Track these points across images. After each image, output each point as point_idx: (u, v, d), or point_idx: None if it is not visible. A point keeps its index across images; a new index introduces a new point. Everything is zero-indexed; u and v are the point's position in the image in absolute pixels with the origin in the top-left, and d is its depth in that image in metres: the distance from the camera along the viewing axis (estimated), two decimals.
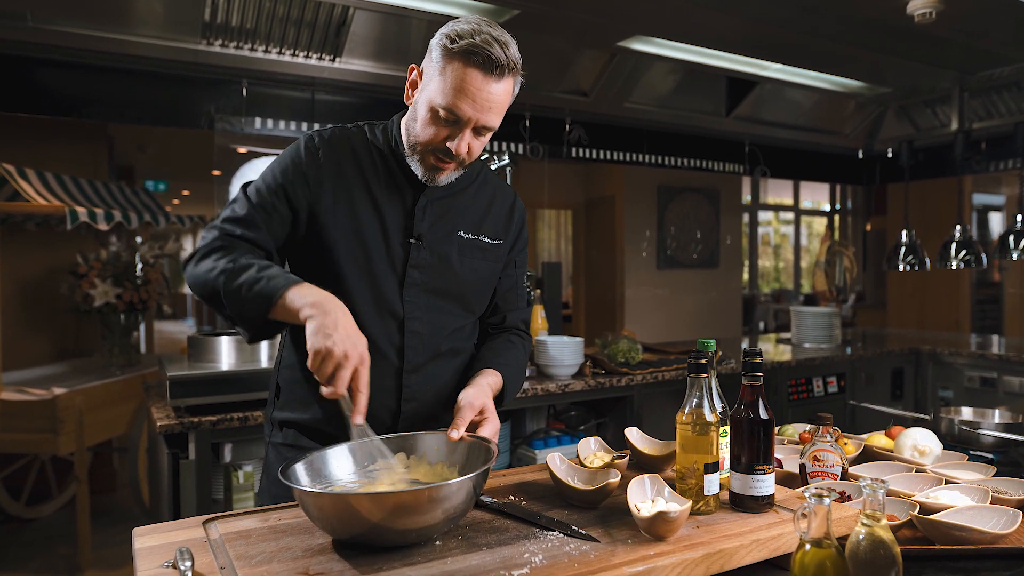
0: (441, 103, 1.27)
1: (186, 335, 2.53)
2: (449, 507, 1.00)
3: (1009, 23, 3.28)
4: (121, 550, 3.54)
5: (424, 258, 1.39)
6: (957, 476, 1.49)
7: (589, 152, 4.09)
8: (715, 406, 1.20)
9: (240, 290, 1.23)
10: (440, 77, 1.26)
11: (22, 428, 3.37)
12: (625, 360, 2.98)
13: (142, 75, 3.01)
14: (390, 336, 1.38)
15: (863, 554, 0.95)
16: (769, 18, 3.18)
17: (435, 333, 1.42)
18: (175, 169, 7.84)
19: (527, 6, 2.96)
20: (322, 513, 1.00)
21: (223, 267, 1.26)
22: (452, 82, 1.25)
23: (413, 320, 1.39)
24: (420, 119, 1.31)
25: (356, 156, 1.40)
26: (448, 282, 1.42)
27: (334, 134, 1.41)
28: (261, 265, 1.25)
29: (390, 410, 1.40)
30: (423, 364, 1.41)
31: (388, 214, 1.38)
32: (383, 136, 1.43)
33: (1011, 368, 3.65)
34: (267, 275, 1.23)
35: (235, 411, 2.22)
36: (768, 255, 9.87)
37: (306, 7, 2.95)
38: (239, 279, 1.23)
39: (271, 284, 1.21)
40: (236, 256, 1.27)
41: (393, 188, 1.40)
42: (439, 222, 1.42)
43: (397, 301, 1.38)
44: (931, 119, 4.66)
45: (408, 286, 1.39)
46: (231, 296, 1.24)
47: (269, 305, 1.21)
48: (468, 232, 1.45)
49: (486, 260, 1.47)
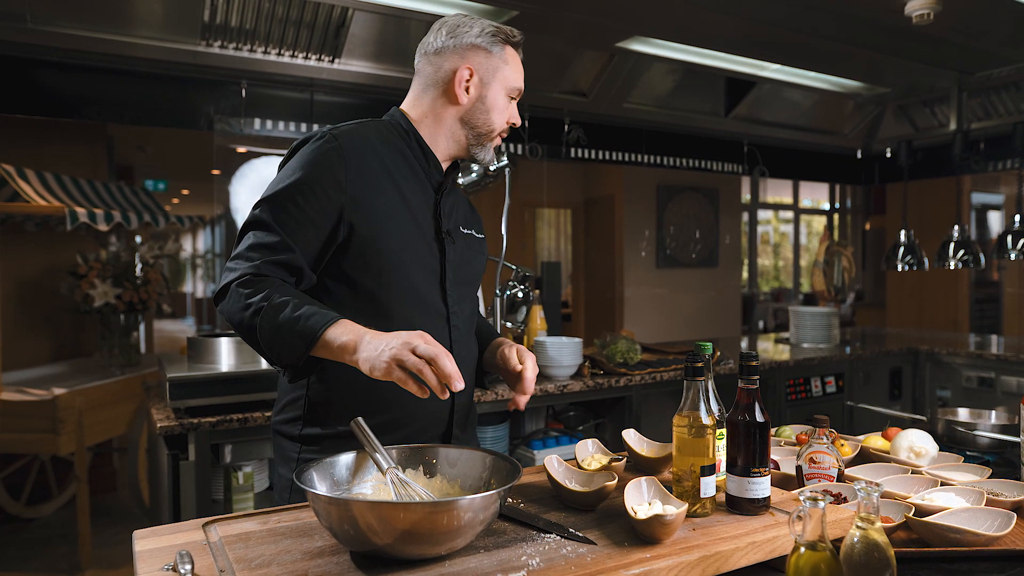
0: (517, 85, 1.46)
1: (186, 335, 2.53)
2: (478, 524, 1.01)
3: (1007, 23, 3.28)
4: (121, 550, 3.55)
5: (454, 252, 1.45)
6: (953, 478, 1.50)
7: (588, 152, 4.10)
8: (711, 409, 1.21)
9: (278, 332, 1.18)
10: (507, 65, 1.44)
11: (22, 428, 3.37)
12: (624, 360, 2.99)
13: (142, 76, 3.01)
14: (439, 332, 1.39)
15: (857, 556, 0.96)
16: (768, 18, 3.19)
17: (468, 324, 1.50)
18: (175, 169, 7.83)
19: (526, 7, 2.97)
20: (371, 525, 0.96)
21: (256, 306, 1.20)
22: (516, 66, 1.46)
23: (454, 315, 1.44)
24: (496, 107, 1.44)
25: (378, 153, 1.38)
26: (468, 273, 1.50)
27: (353, 131, 1.37)
28: (296, 303, 1.19)
29: (446, 407, 1.43)
30: (464, 355, 1.46)
31: (419, 210, 1.40)
32: (399, 133, 1.43)
33: (1009, 368, 3.65)
34: (304, 314, 1.18)
35: (235, 412, 2.22)
36: (767, 254, 9.87)
37: (305, 8, 2.96)
38: (275, 320, 1.18)
39: (310, 323, 1.17)
40: (269, 292, 1.21)
41: (418, 185, 1.42)
42: (451, 218, 1.48)
43: (439, 297, 1.42)
44: (930, 119, 4.67)
45: (447, 281, 1.43)
46: (267, 338, 1.20)
47: (308, 345, 1.17)
48: (465, 227, 1.52)
49: (480, 252, 1.57)
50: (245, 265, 1.26)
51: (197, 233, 10.21)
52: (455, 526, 0.96)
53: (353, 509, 0.96)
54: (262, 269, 1.25)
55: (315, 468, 1.12)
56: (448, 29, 1.43)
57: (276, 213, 1.28)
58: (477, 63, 1.42)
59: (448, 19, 1.45)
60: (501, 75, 1.43)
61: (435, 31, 1.45)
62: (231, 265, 1.27)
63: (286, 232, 1.27)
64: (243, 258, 1.27)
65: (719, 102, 4.41)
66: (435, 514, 0.95)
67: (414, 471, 1.20)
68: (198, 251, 10.59)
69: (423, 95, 1.45)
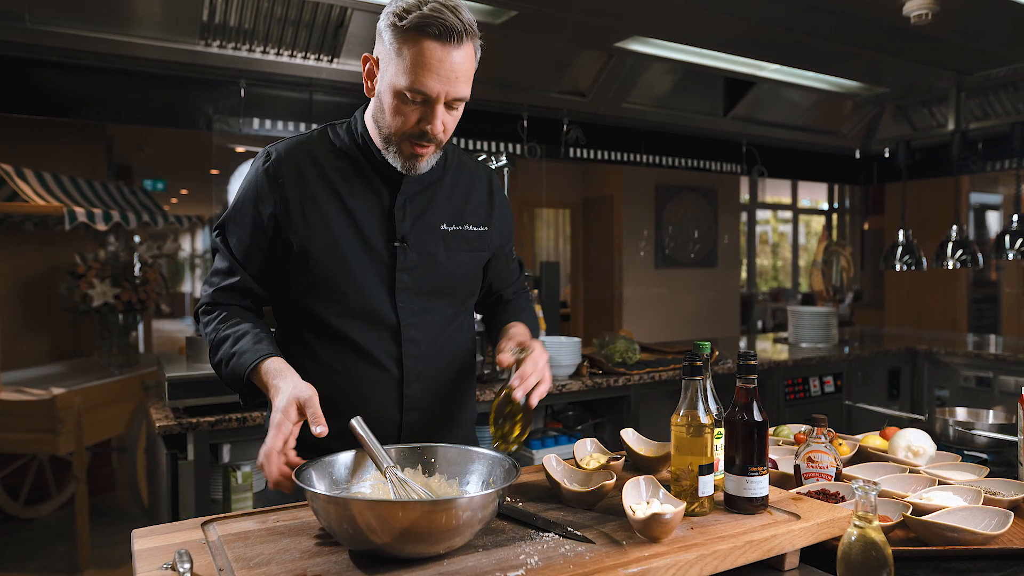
0: (405, 84, 1.20)
1: (184, 334, 2.53)
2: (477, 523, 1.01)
3: (1006, 24, 3.29)
4: (120, 550, 3.55)
5: (411, 260, 1.34)
6: (950, 477, 1.50)
7: (587, 152, 4.10)
8: (710, 408, 1.21)
9: (220, 366, 1.30)
10: (398, 58, 1.20)
11: (21, 428, 3.37)
12: (622, 360, 2.99)
13: (140, 76, 3.01)
14: (386, 347, 1.34)
15: (855, 555, 0.96)
16: (766, 18, 3.19)
17: (433, 338, 1.38)
18: (173, 168, 7.84)
19: (525, 7, 2.97)
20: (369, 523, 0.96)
21: (208, 339, 1.33)
22: (411, 60, 1.18)
23: (408, 328, 1.35)
24: (388, 107, 1.24)
25: (318, 164, 1.34)
26: (438, 281, 1.37)
27: (290, 146, 1.35)
28: (236, 336, 1.29)
29: (393, 421, 1.36)
30: (423, 371, 1.37)
31: (364, 219, 1.32)
32: (348, 136, 1.36)
33: (1007, 368, 3.66)
34: (238, 350, 1.26)
35: (233, 412, 2.22)
36: (766, 254, 9.88)
37: (304, 8, 2.96)
38: (217, 355, 1.30)
39: (241, 362, 1.25)
40: (219, 324, 1.32)
41: (367, 189, 1.34)
42: (421, 218, 1.36)
43: (389, 310, 1.33)
44: (928, 119, 4.67)
45: (399, 292, 1.34)
46: (216, 371, 1.32)
47: (242, 382, 1.26)
48: (451, 224, 1.39)
49: (472, 251, 1.42)
50: (206, 292, 1.38)
51: (196, 233, 10.18)
52: (454, 525, 0.96)
53: (352, 508, 0.96)
54: (216, 298, 1.36)
55: (314, 467, 1.12)
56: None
57: (225, 237, 1.37)
58: (377, 51, 1.25)
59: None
60: (392, 69, 1.21)
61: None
62: (203, 289, 1.41)
63: (234, 255, 1.35)
64: (207, 283, 1.39)
65: (718, 102, 4.42)
66: (434, 513, 0.95)
67: (412, 470, 1.20)
68: (197, 251, 10.58)
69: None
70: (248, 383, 1.25)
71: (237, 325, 1.31)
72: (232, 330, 1.30)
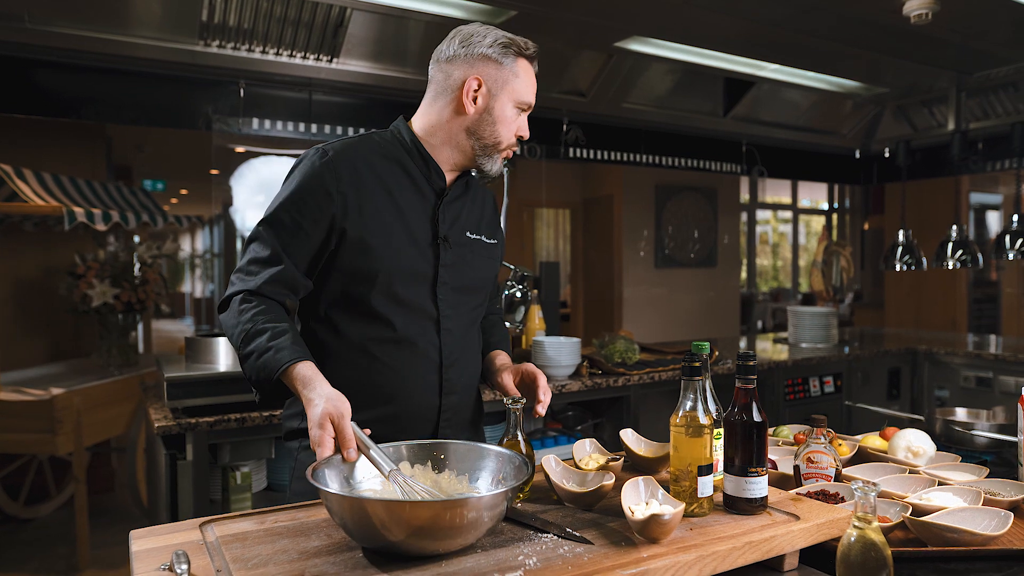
0: (527, 99, 1.46)
1: (184, 335, 2.53)
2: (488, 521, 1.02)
3: (1006, 24, 3.29)
4: (119, 550, 3.55)
5: (450, 258, 1.47)
6: (950, 477, 1.50)
7: (587, 152, 4.10)
8: (709, 409, 1.21)
9: (249, 356, 1.30)
10: (517, 78, 1.44)
11: (20, 428, 3.37)
12: (622, 360, 2.99)
13: (140, 76, 3.01)
14: (428, 336, 1.46)
15: (854, 556, 0.96)
16: (766, 18, 3.19)
17: (466, 328, 1.52)
18: (173, 168, 7.82)
19: (524, 7, 2.97)
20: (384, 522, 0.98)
21: (242, 327, 1.32)
22: (527, 79, 1.45)
23: (446, 319, 1.47)
24: (504, 120, 1.45)
25: (370, 163, 1.44)
26: (469, 279, 1.51)
27: (345, 144, 1.44)
28: (276, 332, 1.29)
29: (434, 406, 1.47)
30: (458, 358, 1.50)
31: (413, 219, 1.44)
32: (399, 144, 1.48)
33: (1007, 368, 3.66)
34: (276, 346, 1.27)
35: (233, 412, 2.22)
36: (766, 254, 9.87)
37: (303, 8, 2.96)
38: (251, 345, 1.30)
39: (277, 357, 1.26)
40: (258, 315, 1.32)
41: (415, 192, 1.46)
42: (455, 224, 1.50)
43: (430, 302, 1.45)
44: (928, 119, 4.67)
45: (440, 286, 1.46)
46: (243, 360, 1.32)
47: (271, 378, 1.27)
48: (474, 233, 1.54)
49: (489, 258, 1.57)
50: (243, 281, 1.38)
51: (196, 233, 10.19)
52: (466, 522, 0.98)
53: (367, 507, 0.97)
54: (264, 289, 1.36)
55: (326, 465, 1.13)
56: (462, 38, 1.44)
57: (271, 227, 1.39)
58: (486, 74, 1.42)
59: (463, 28, 1.46)
60: (510, 88, 1.44)
61: (449, 39, 1.46)
62: (234, 278, 1.40)
63: (281, 245, 1.37)
64: (243, 271, 1.39)
65: (718, 102, 4.41)
66: (448, 510, 0.96)
67: (423, 466, 1.21)
68: (196, 251, 10.58)
69: (434, 103, 1.47)
70: (275, 380, 1.27)
71: (278, 322, 1.33)
72: (272, 325, 1.31)
